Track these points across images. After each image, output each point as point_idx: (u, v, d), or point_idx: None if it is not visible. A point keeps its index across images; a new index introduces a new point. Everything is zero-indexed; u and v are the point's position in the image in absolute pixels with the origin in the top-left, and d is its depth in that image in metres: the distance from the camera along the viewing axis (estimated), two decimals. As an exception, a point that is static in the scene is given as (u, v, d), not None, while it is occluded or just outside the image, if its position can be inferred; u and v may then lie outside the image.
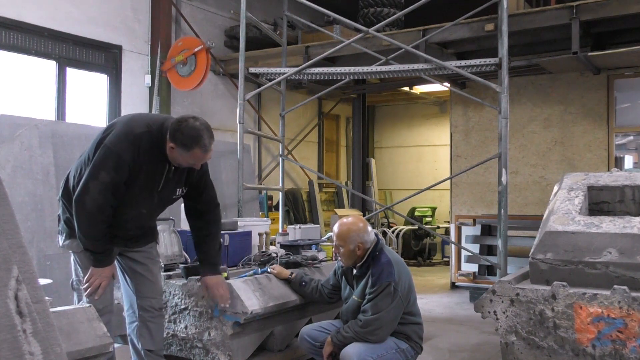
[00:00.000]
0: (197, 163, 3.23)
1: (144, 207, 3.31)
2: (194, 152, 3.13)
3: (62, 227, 3.35)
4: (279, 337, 4.07)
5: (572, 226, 3.48)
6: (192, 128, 3.10)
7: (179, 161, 3.20)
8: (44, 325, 1.49)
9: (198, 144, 3.11)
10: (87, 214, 3.10)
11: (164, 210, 3.54)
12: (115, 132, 3.15)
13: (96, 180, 3.06)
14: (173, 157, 3.19)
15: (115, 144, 3.10)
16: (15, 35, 6.77)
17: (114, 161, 3.08)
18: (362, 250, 3.65)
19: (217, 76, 9.17)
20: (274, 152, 10.18)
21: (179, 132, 3.10)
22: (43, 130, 5.02)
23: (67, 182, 3.32)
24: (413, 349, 3.67)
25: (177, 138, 3.10)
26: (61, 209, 3.36)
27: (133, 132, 3.14)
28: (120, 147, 3.09)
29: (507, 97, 5.41)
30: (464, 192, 8.45)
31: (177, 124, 3.13)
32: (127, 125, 3.18)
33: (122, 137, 3.12)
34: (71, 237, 3.30)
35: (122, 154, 3.08)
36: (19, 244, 1.53)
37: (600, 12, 6.22)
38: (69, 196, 3.26)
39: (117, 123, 3.25)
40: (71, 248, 3.35)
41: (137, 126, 3.17)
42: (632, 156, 8.09)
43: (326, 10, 6.23)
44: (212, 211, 3.54)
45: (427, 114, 13.38)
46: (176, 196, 3.43)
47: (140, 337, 3.44)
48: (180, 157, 3.17)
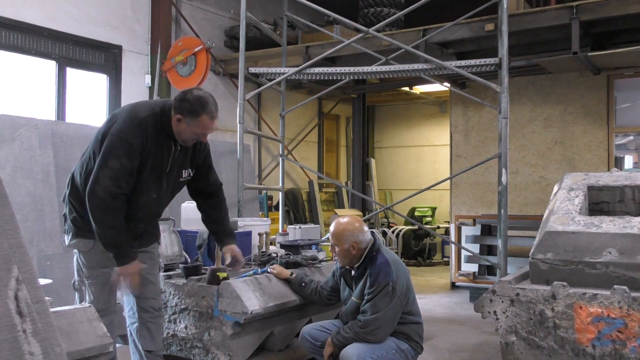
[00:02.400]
0: (204, 132, 3.28)
1: (154, 191, 3.31)
2: (202, 119, 3.19)
3: (69, 227, 3.33)
4: (279, 337, 4.07)
5: (572, 226, 3.48)
6: (198, 96, 3.20)
7: (185, 135, 3.24)
8: (44, 325, 1.49)
9: (205, 110, 3.19)
10: (101, 203, 3.07)
11: (172, 199, 3.55)
12: (121, 120, 3.16)
13: (105, 168, 3.06)
14: (179, 131, 3.23)
15: (122, 130, 3.11)
16: (15, 35, 6.77)
17: (123, 148, 3.09)
18: (358, 250, 3.64)
19: (217, 76, 9.17)
20: (274, 152, 10.18)
21: (185, 101, 3.17)
22: (43, 130, 5.02)
23: (74, 180, 3.31)
24: (413, 349, 3.67)
25: (184, 107, 3.17)
26: (67, 208, 3.34)
27: (138, 116, 3.17)
28: (128, 133, 3.11)
29: (507, 97, 5.41)
30: (464, 192, 8.45)
31: (182, 94, 3.22)
32: (131, 112, 3.21)
33: (128, 123, 3.14)
34: (78, 236, 3.29)
35: (131, 139, 3.10)
36: (19, 244, 1.53)
37: (600, 12, 6.21)
38: (76, 195, 3.26)
39: (120, 113, 3.26)
40: (78, 247, 3.33)
41: (141, 111, 3.21)
42: (632, 156, 8.09)
43: (326, 10, 6.22)
44: (220, 190, 3.69)
45: (427, 114, 13.38)
46: (183, 179, 3.46)
47: (141, 337, 3.45)
48: (187, 129, 3.21)
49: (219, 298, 3.68)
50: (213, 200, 3.66)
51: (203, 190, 3.63)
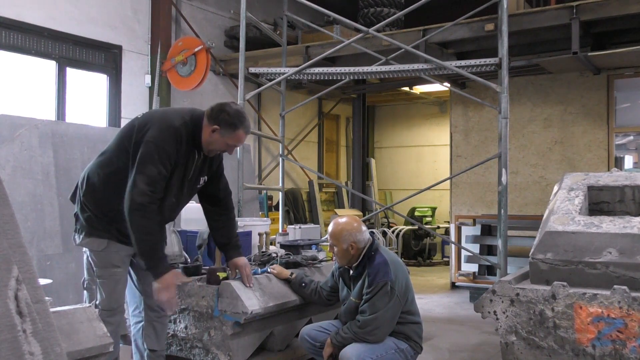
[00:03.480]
0: (236, 145, 3.39)
1: (174, 196, 3.35)
2: (238, 132, 3.29)
3: (81, 225, 3.33)
4: (279, 337, 4.07)
5: (572, 226, 3.48)
6: (237, 110, 3.31)
7: (215, 145, 3.32)
8: (44, 325, 1.49)
9: (243, 124, 3.30)
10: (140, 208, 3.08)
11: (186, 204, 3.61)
12: (156, 128, 3.20)
13: (143, 174, 3.09)
14: (211, 142, 3.30)
15: (159, 138, 3.16)
16: (15, 35, 6.77)
17: (161, 155, 3.14)
18: (356, 249, 3.64)
19: (217, 76, 9.17)
20: (274, 152, 10.18)
21: (225, 113, 3.25)
22: (43, 130, 5.02)
23: (88, 180, 3.31)
24: (413, 348, 3.66)
25: (222, 119, 3.25)
26: (79, 208, 3.34)
27: (173, 125, 3.23)
28: (164, 141, 3.16)
29: (507, 97, 5.41)
30: (464, 192, 8.45)
31: (220, 106, 3.30)
32: (165, 120, 3.26)
33: (165, 131, 3.19)
34: (91, 235, 3.29)
35: (167, 147, 3.16)
36: (19, 244, 1.53)
37: (600, 12, 6.21)
38: (92, 195, 3.28)
39: (152, 120, 3.27)
40: (91, 246, 3.33)
41: (174, 119, 3.27)
42: (632, 156, 8.09)
43: (326, 10, 6.22)
44: (229, 197, 3.73)
45: (427, 114, 13.38)
46: (200, 185, 3.52)
47: (146, 337, 3.49)
48: (220, 140, 3.29)
49: (219, 298, 3.68)
50: (221, 207, 3.67)
51: (213, 195, 3.65)
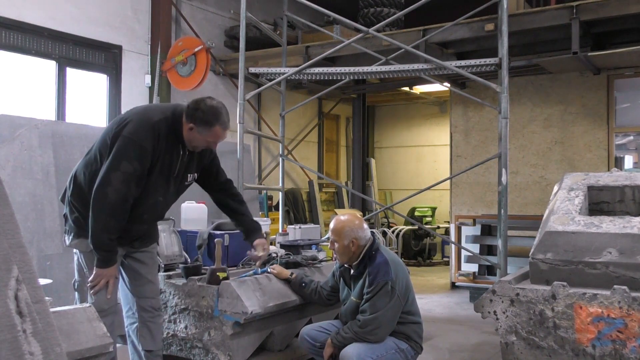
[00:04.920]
0: (216, 142, 3.33)
1: (161, 194, 3.32)
2: (215, 129, 3.23)
3: (70, 227, 3.31)
4: (279, 337, 4.07)
5: (572, 226, 3.48)
6: (211, 106, 3.22)
7: (196, 142, 3.28)
8: (44, 325, 1.49)
9: (218, 121, 3.22)
10: (109, 206, 3.05)
11: (176, 200, 3.58)
12: (133, 123, 3.14)
13: (117, 171, 3.04)
14: (191, 139, 3.25)
15: (135, 133, 3.10)
16: (15, 35, 6.77)
17: (136, 151, 3.07)
18: (357, 246, 3.64)
19: (217, 76, 9.17)
20: (274, 152, 10.18)
21: (199, 111, 3.19)
22: (43, 130, 5.02)
23: (76, 180, 3.28)
24: (413, 348, 3.66)
25: (197, 117, 3.19)
26: (68, 209, 3.32)
27: (151, 120, 3.17)
28: (141, 136, 3.10)
29: (507, 97, 5.40)
30: (464, 192, 8.45)
31: (194, 104, 3.22)
32: (144, 115, 3.21)
33: (141, 126, 3.13)
34: (80, 236, 3.26)
35: (144, 143, 3.10)
36: (19, 244, 1.53)
37: (600, 12, 6.21)
38: (79, 195, 3.24)
39: (131, 115, 3.23)
40: (79, 247, 3.32)
41: (154, 114, 3.21)
42: (632, 156, 8.08)
43: (326, 10, 6.22)
44: (232, 186, 3.77)
45: (427, 114, 13.38)
46: (188, 182, 3.50)
47: (141, 337, 3.45)
48: (199, 137, 3.24)
49: (219, 298, 3.68)
50: (228, 192, 3.75)
51: (215, 187, 3.72)
